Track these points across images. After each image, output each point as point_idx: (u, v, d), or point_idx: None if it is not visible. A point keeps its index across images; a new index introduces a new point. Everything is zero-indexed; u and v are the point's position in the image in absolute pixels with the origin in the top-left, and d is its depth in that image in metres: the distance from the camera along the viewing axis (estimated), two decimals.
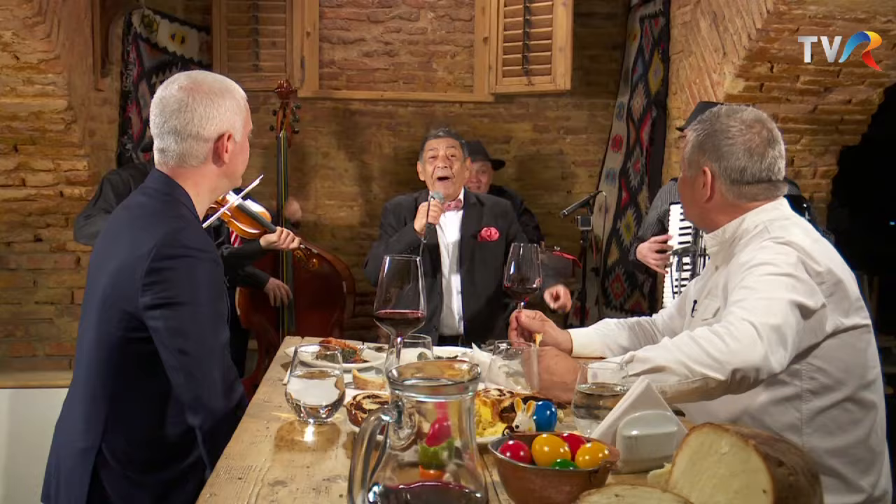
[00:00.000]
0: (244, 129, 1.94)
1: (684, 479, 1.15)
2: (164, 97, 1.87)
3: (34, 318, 4.42)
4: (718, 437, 1.10)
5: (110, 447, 1.81)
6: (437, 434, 1.06)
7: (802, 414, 1.88)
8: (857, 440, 1.89)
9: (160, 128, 1.86)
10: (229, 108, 1.88)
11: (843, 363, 1.89)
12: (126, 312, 1.75)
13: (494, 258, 3.54)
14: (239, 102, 1.92)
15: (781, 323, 1.73)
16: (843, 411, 1.89)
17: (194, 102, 1.84)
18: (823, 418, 1.88)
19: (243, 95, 1.95)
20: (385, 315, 1.73)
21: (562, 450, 1.25)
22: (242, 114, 1.92)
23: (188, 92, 1.85)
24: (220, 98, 1.87)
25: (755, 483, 1.01)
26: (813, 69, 3.94)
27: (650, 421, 1.42)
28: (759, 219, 1.99)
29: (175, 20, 5.11)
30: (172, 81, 1.89)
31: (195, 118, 1.84)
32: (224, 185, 1.98)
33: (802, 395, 1.88)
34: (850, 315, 1.89)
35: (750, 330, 1.70)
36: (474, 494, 1.04)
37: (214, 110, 1.86)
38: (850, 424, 1.89)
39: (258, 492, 1.27)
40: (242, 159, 1.96)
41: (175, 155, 1.86)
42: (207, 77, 1.92)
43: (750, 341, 1.68)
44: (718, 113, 2.05)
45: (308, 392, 1.59)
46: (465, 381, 1.02)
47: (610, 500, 1.03)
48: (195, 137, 1.85)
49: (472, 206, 3.59)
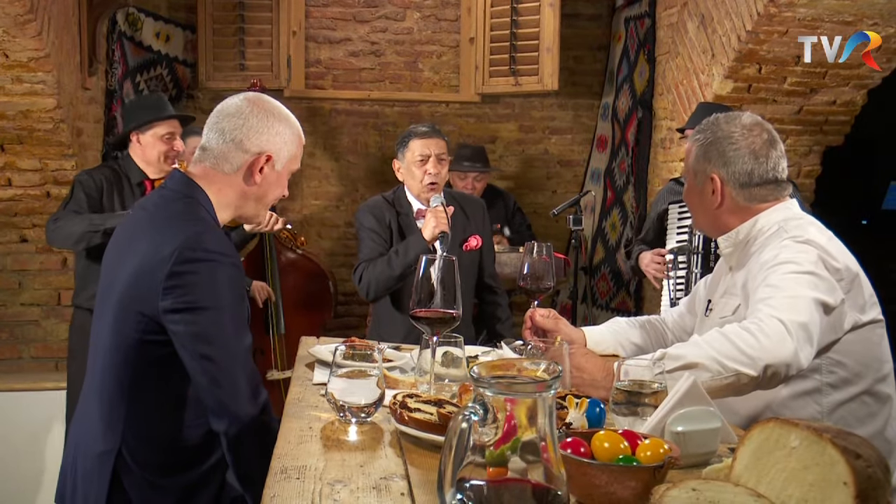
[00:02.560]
0: (289, 162, 1.94)
1: (749, 473, 1.17)
2: (227, 104, 1.91)
3: (20, 320, 4.36)
4: (787, 432, 1.12)
5: (130, 450, 1.80)
6: (507, 433, 1.07)
7: (823, 407, 1.93)
8: (874, 432, 1.94)
9: (211, 126, 1.88)
10: (280, 134, 1.90)
11: (861, 357, 1.94)
12: (143, 315, 1.74)
13: (475, 264, 3.44)
14: (293, 135, 1.94)
15: (807, 320, 1.77)
16: (861, 404, 1.94)
17: (251, 113, 1.87)
18: (843, 411, 1.93)
19: (300, 133, 1.97)
20: (422, 314, 1.73)
21: (622, 446, 1.27)
22: (292, 147, 1.93)
23: (250, 103, 1.89)
24: (276, 121, 1.90)
25: (833, 475, 1.03)
26: (800, 71, 4.01)
27: (696, 417, 1.45)
28: (773, 219, 2.04)
29: (160, 18, 5.06)
30: (241, 94, 1.94)
31: (244, 126, 1.86)
32: (249, 209, 1.95)
33: (822, 388, 1.93)
34: (866, 310, 1.95)
35: (779, 326, 1.73)
36: (556, 493, 1.05)
37: (266, 127, 1.87)
38: (867, 417, 1.95)
39: (319, 490, 1.27)
40: (277, 191, 1.96)
41: (212, 155, 1.87)
42: (276, 102, 1.96)
43: (780, 338, 1.72)
44: (717, 121, 2.09)
45: (351, 392, 1.59)
46: (548, 380, 1.04)
47: (689, 495, 1.05)
48: (237, 144, 1.86)
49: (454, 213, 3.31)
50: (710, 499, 1.04)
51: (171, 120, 3.59)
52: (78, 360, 3.53)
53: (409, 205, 3.31)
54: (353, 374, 1.62)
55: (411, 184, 3.28)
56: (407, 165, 3.26)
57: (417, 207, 3.30)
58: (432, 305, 1.73)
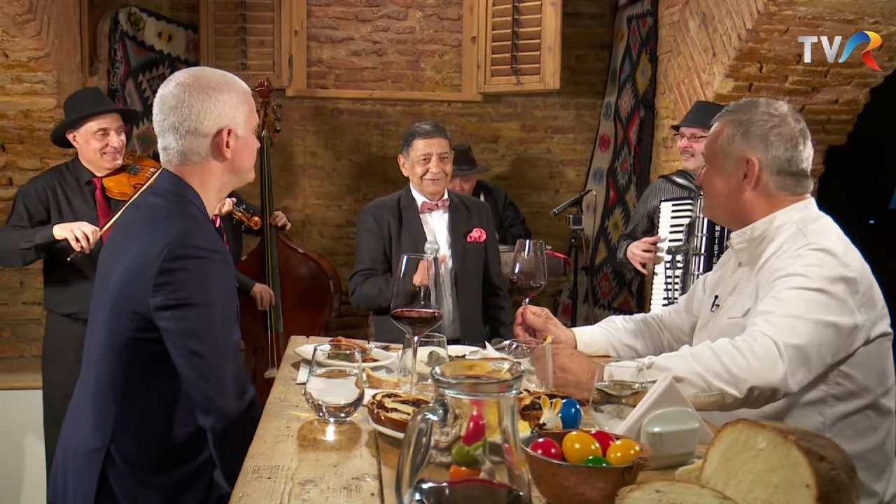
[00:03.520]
0: (248, 123, 1.90)
1: (718, 474, 1.16)
2: (163, 95, 1.85)
3: (21, 319, 4.37)
4: (755, 434, 1.11)
5: (119, 447, 1.80)
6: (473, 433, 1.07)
7: (826, 418, 1.86)
8: (874, 446, 1.88)
9: (160, 126, 1.85)
10: (228, 103, 1.85)
11: (869, 370, 1.87)
12: (136, 313, 1.74)
13: (481, 258, 3.59)
14: (240, 96, 1.89)
15: (805, 343, 1.71)
16: (863, 417, 1.88)
17: (191, 98, 1.82)
18: (845, 424, 1.87)
19: (246, 89, 1.92)
20: (403, 314, 1.73)
21: (593, 447, 1.26)
22: (244, 108, 1.89)
23: (185, 88, 1.83)
24: (218, 92, 1.84)
25: (797, 477, 1.02)
26: (801, 69, 3.99)
27: (673, 418, 1.44)
28: (790, 218, 1.95)
29: (162, 18, 5.07)
30: (172, 78, 1.87)
31: (192, 114, 1.82)
32: (232, 182, 1.95)
33: (827, 399, 1.86)
34: (878, 323, 1.88)
35: (772, 348, 1.69)
36: (518, 493, 1.04)
37: (212, 105, 1.83)
38: (868, 430, 1.88)
39: (289, 490, 1.27)
40: (248, 154, 1.93)
41: (177, 152, 1.84)
42: (206, 72, 1.89)
43: (771, 361, 1.68)
44: (756, 102, 2.01)
45: (329, 391, 1.59)
46: (510, 380, 1.03)
47: (652, 497, 1.04)
48: (193, 133, 1.83)
49: (456, 207, 3.59)
50: (672, 501, 1.03)
51: (105, 115, 3.39)
52: (52, 364, 3.53)
53: (413, 200, 3.52)
54: (332, 374, 1.61)
55: (415, 180, 3.49)
56: (411, 163, 3.49)
57: (422, 201, 3.52)
58: (414, 305, 1.73)
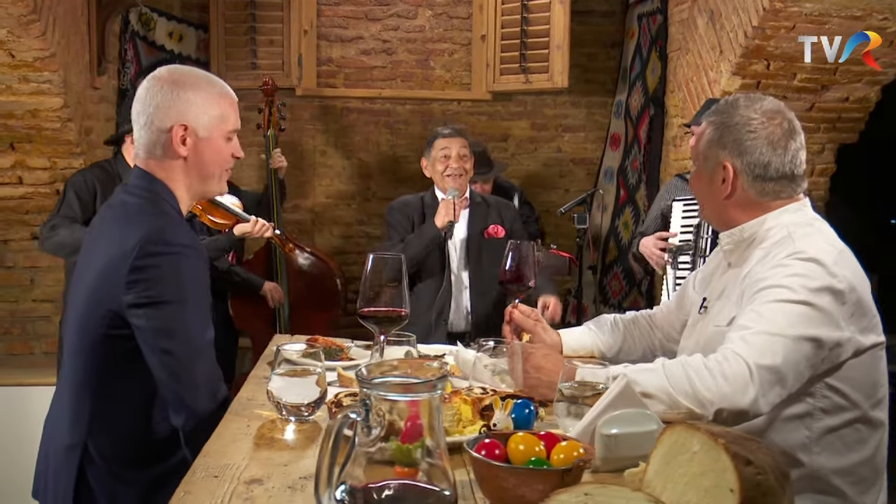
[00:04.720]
0: (216, 126, 1.84)
1: (658, 477, 1.15)
2: (139, 88, 1.84)
3: (31, 316, 4.42)
4: (690, 436, 1.10)
5: (96, 444, 1.80)
6: (411, 432, 1.06)
7: (812, 432, 1.78)
8: (863, 459, 1.81)
9: (134, 119, 1.84)
10: (192, 101, 1.81)
11: (858, 383, 1.79)
12: (109, 310, 1.73)
13: (500, 255, 3.53)
14: (212, 98, 1.84)
15: (780, 363, 1.65)
16: (852, 431, 1.80)
17: (158, 91, 1.80)
18: (833, 437, 1.79)
19: (225, 94, 1.88)
20: (369, 313, 1.72)
21: (537, 448, 1.25)
22: (213, 110, 1.83)
23: (156, 81, 1.81)
24: (183, 89, 1.80)
25: (724, 482, 1.00)
26: (810, 67, 3.92)
27: (630, 419, 1.41)
28: (782, 220, 1.87)
29: (172, 18, 5.11)
30: (152, 73, 1.86)
31: (153, 106, 1.79)
32: (199, 188, 1.90)
33: (814, 413, 1.78)
34: (868, 334, 1.79)
35: (743, 371, 1.63)
36: (443, 493, 1.03)
37: (173, 100, 1.79)
38: (857, 444, 1.80)
39: (233, 490, 1.26)
40: (212, 159, 1.86)
41: (141, 145, 1.84)
42: (185, 69, 1.87)
43: (741, 384, 1.62)
44: (736, 103, 1.90)
45: (289, 390, 1.58)
46: (433, 380, 1.02)
47: (579, 499, 1.03)
48: (149, 126, 1.81)
49: (478, 204, 3.67)
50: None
51: None
52: None
53: (436, 199, 3.64)
54: (294, 373, 1.61)
55: (437, 178, 3.64)
56: (432, 162, 3.65)
57: (442, 199, 3.61)
58: (380, 304, 1.72)
